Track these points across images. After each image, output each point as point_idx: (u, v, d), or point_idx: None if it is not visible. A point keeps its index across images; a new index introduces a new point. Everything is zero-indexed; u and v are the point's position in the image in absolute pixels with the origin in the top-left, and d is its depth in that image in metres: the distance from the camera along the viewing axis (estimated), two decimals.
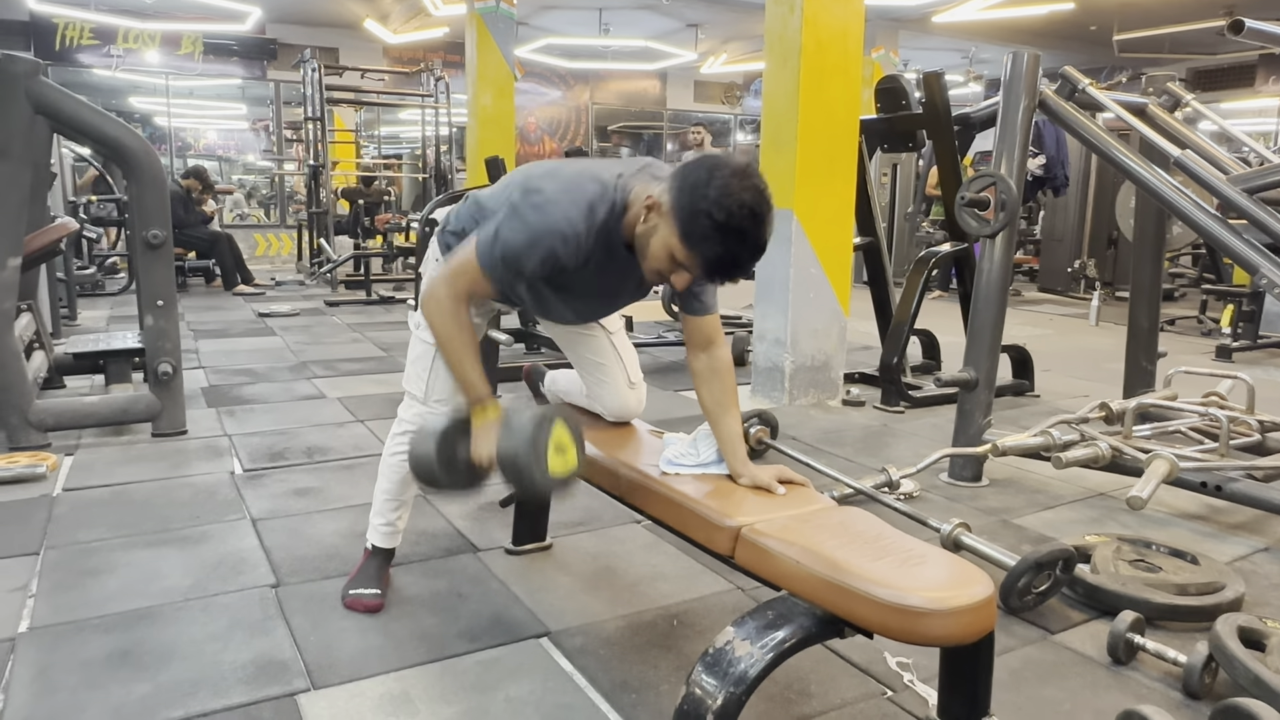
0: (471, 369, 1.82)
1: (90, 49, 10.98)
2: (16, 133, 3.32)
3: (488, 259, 1.75)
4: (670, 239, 1.62)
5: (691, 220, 1.58)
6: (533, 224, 1.71)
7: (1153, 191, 3.03)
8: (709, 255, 1.60)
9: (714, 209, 1.55)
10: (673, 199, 1.61)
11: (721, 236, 1.57)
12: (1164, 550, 2.45)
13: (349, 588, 2.22)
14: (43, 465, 3.09)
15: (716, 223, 1.55)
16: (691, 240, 1.59)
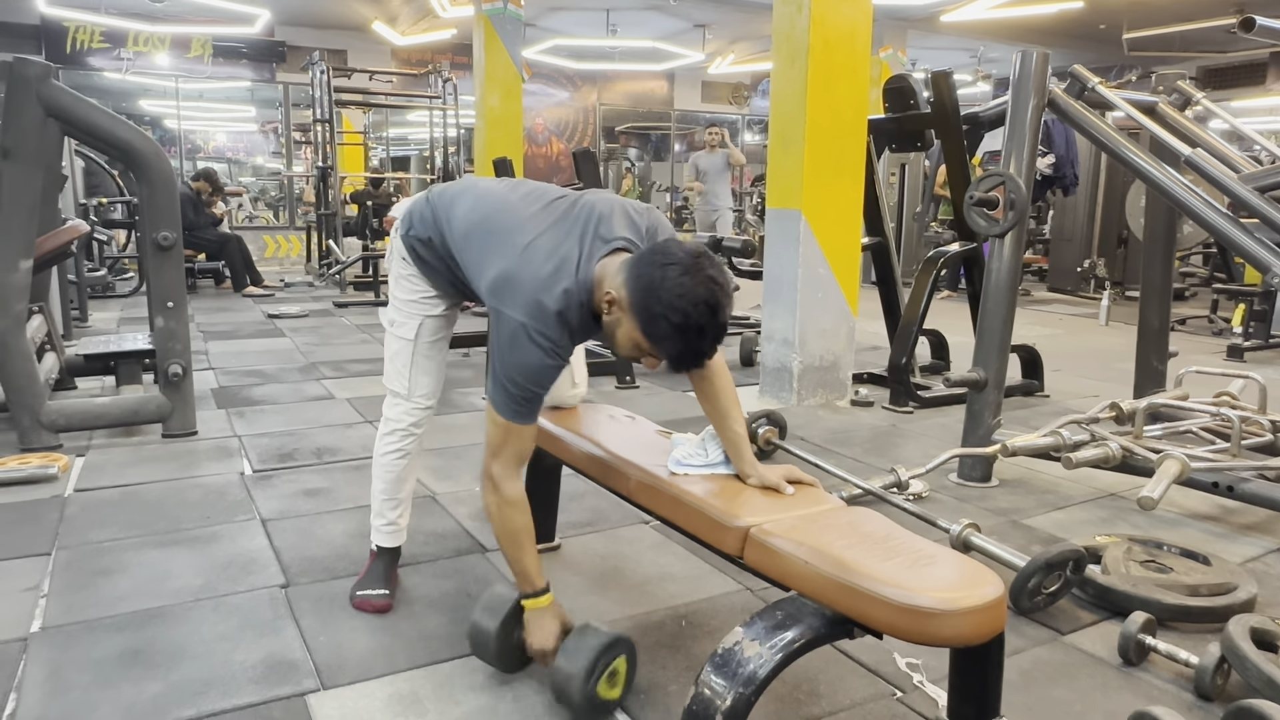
0: (530, 561, 1.84)
1: (100, 52, 11.04)
2: (28, 135, 3.34)
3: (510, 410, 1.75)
4: (634, 333, 1.66)
5: (651, 322, 1.62)
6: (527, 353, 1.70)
7: (1163, 190, 3.01)
8: (672, 352, 1.65)
9: (670, 312, 1.58)
10: (630, 299, 1.64)
11: (682, 335, 1.60)
12: (1175, 551, 2.44)
13: (357, 589, 2.23)
14: (54, 466, 3.10)
15: (674, 325, 1.59)
16: (654, 339, 1.64)
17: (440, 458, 3.41)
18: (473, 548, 2.58)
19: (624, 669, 1.78)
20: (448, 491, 3.05)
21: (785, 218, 4.27)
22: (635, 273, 1.65)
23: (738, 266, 6.15)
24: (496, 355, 1.74)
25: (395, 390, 2.15)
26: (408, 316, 2.10)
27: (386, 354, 2.16)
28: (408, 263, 2.07)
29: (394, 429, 2.16)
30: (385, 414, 2.18)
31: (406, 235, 2.05)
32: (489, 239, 1.83)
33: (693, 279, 1.59)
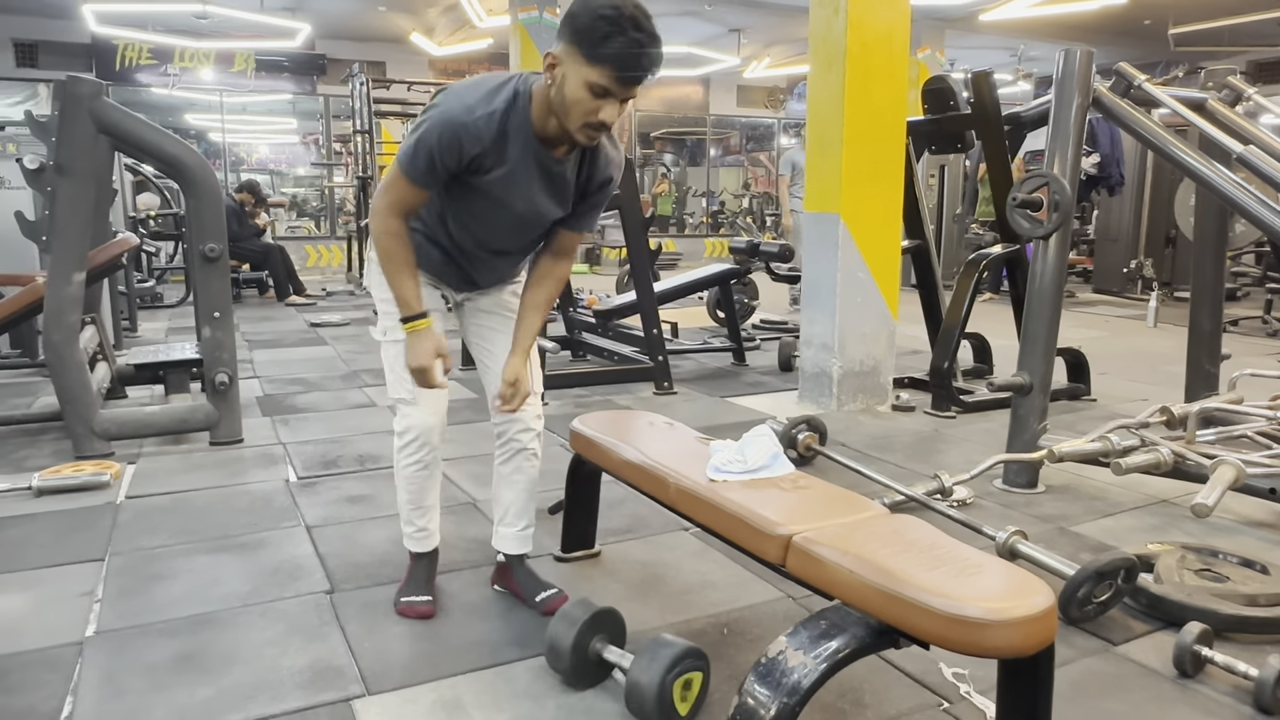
0: (406, 282, 1.95)
1: (148, 68, 11.33)
2: (81, 151, 3.43)
3: (407, 162, 1.86)
4: (580, 70, 1.72)
5: (589, 34, 1.69)
6: (435, 116, 1.83)
7: (1214, 189, 2.94)
8: (616, 53, 1.69)
9: (601, 8, 1.67)
10: (564, 36, 1.73)
11: (619, 30, 1.67)
12: (1232, 559, 2.37)
13: (400, 595, 2.24)
14: (107, 474, 3.18)
15: (609, 19, 1.66)
16: (596, 51, 1.69)
17: (480, 464, 3.43)
18: None
19: (698, 684, 1.78)
20: (487, 498, 3.05)
21: (824, 221, 4.24)
22: (563, 24, 1.75)
23: (776, 271, 6.12)
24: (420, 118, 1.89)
25: (402, 398, 2.12)
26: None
27: (386, 366, 2.15)
28: None
29: (409, 440, 2.13)
30: (397, 428, 2.15)
31: None
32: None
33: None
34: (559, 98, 1.77)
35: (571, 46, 1.72)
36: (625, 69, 1.71)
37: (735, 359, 5.61)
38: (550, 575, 2.44)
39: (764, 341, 6.26)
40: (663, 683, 1.69)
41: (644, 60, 1.72)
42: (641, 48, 1.70)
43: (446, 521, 2.84)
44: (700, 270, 6.10)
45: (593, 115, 1.76)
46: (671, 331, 6.25)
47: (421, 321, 1.96)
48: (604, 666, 1.89)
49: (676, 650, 1.73)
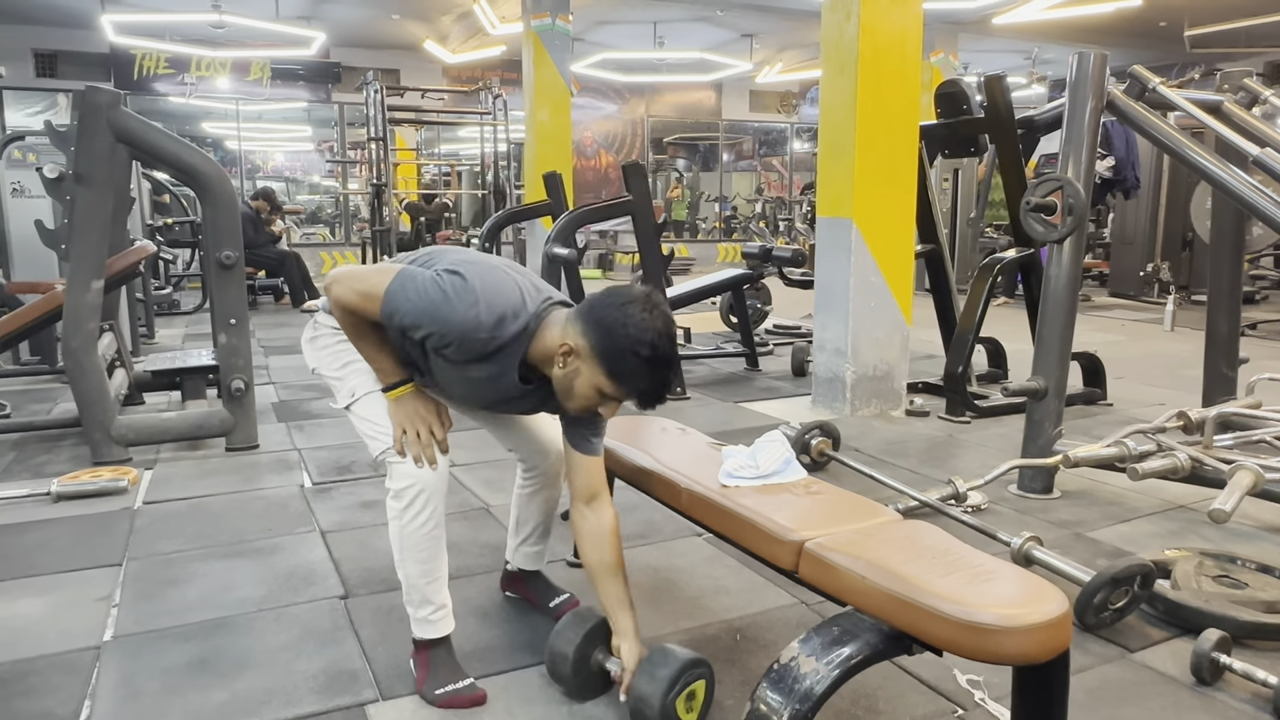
0: (383, 354, 1.82)
1: (165, 78, 11.45)
2: (99, 160, 3.47)
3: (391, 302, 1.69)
4: (597, 379, 1.68)
5: (619, 360, 1.65)
6: (442, 304, 1.67)
7: (1231, 192, 2.91)
8: (641, 386, 1.68)
9: (639, 347, 1.63)
10: (592, 342, 1.66)
11: (650, 369, 1.65)
12: (1250, 565, 2.35)
13: (433, 689, 1.88)
14: (124, 479, 3.21)
15: (643, 358, 1.64)
16: (621, 377, 1.67)
17: (494, 469, 3.45)
18: None
19: (702, 693, 1.76)
20: (500, 504, 3.07)
21: (836, 226, 4.23)
22: (593, 318, 1.67)
23: (788, 275, 6.11)
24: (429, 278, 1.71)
25: (390, 447, 1.86)
26: (367, 370, 1.90)
27: (364, 429, 1.91)
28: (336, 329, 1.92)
29: (414, 496, 1.83)
30: (395, 487, 1.85)
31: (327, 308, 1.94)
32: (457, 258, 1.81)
33: (651, 314, 1.65)
34: (566, 384, 1.73)
35: (595, 357, 1.66)
36: (646, 400, 1.71)
37: (748, 364, 5.61)
38: (562, 581, 2.44)
39: (777, 346, 6.25)
40: (664, 704, 1.66)
41: (663, 394, 1.72)
42: (665, 387, 1.71)
43: (460, 525, 2.86)
44: (713, 275, 6.09)
45: (591, 409, 1.76)
46: (684, 336, 6.25)
47: (406, 386, 1.84)
48: (606, 678, 1.85)
49: (675, 667, 1.69)
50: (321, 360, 2.01)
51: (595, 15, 10.63)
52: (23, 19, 10.34)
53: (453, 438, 2.16)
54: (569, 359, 1.70)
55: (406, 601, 1.92)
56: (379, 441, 1.87)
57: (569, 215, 4.84)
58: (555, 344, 1.71)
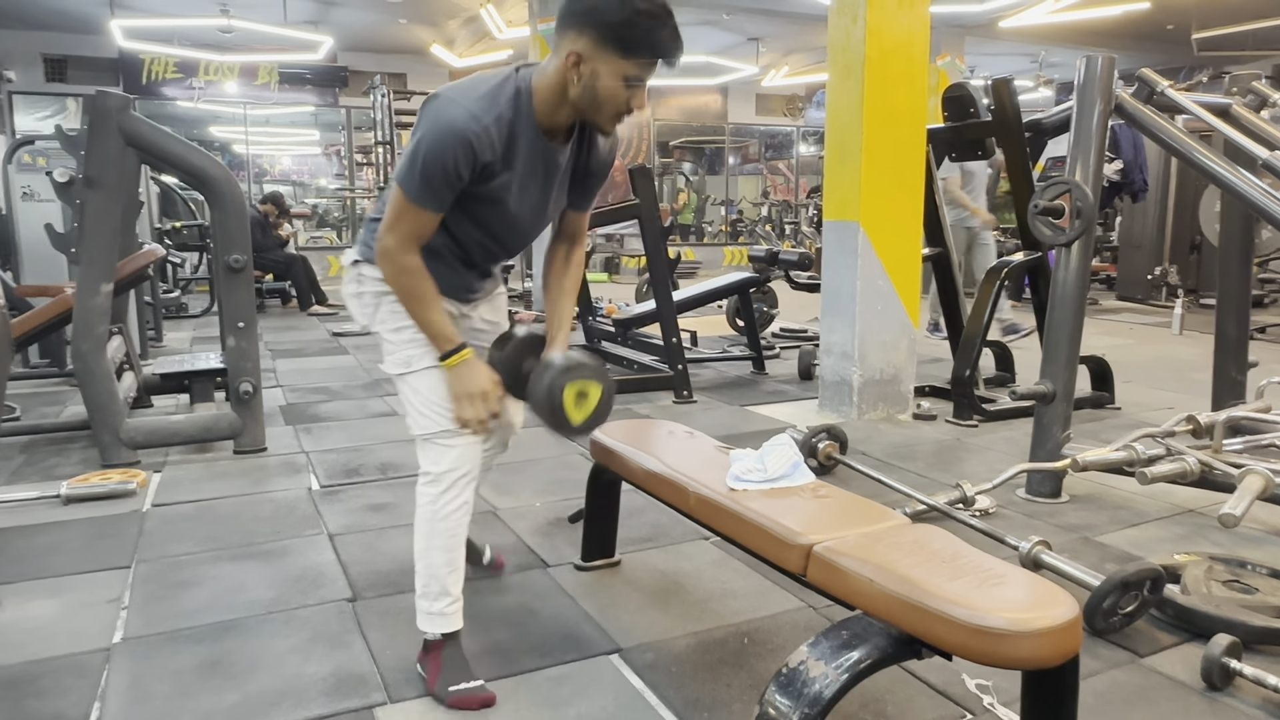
0: (438, 318, 1.80)
1: (174, 82, 11.51)
2: (109, 164, 3.49)
3: (417, 188, 1.71)
4: (614, 65, 1.66)
5: (626, 29, 1.63)
6: (439, 129, 1.67)
7: (1240, 195, 2.91)
8: (662, 42, 1.65)
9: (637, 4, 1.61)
10: (593, 35, 1.64)
11: (659, 23, 1.64)
12: (1261, 570, 2.34)
13: (445, 686, 1.87)
14: (133, 482, 3.22)
15: (649, 14, 1.62)
16: (637, 45, 1.64)
17: (501, 472, 3.45)
18: (534, 563, 2.60)
19: (595, 398, 1.83)
20: (509, 507, 3.08)
21: (843, 229, 4.23)
22: (578, 16, 1.65)
23: (795, 279, 6.11)
24: (415, 135, 1.71)
25: (445, 429, 1.84)
26: (425, 342, 1.85)
27: (415, 403, 1.87)
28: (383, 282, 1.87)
29: (456, 478, 1.86)
30: (435, 469, 1.86)
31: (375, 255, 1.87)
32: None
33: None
34: (588, 94, 1.69)
35: (602, 43, 1.63)
36: (668, 55, 1.67)
37: (755, 367, 5.61)
38: (571, 584, 2.45)
39: (783, 350, 6.24)
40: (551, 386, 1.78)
41: (679, 42, 1.68)
42: (676, 34, 1.67)
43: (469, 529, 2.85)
44: (719, 279, 6.10)
45: (625, 105, 1.72)
46: (691, 340, 6.25)
47: (465, 351, 1.80)
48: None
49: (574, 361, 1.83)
50: (373, 319, 1.94)
51: None
52: (33, 24, 10.40)
53: None
54: (580, 66, 1.67)
55: (422, 595, 1.92)
56: (428, 420, 1.85)
57: None
58: (558, 69, 1.69)
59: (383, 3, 9.86)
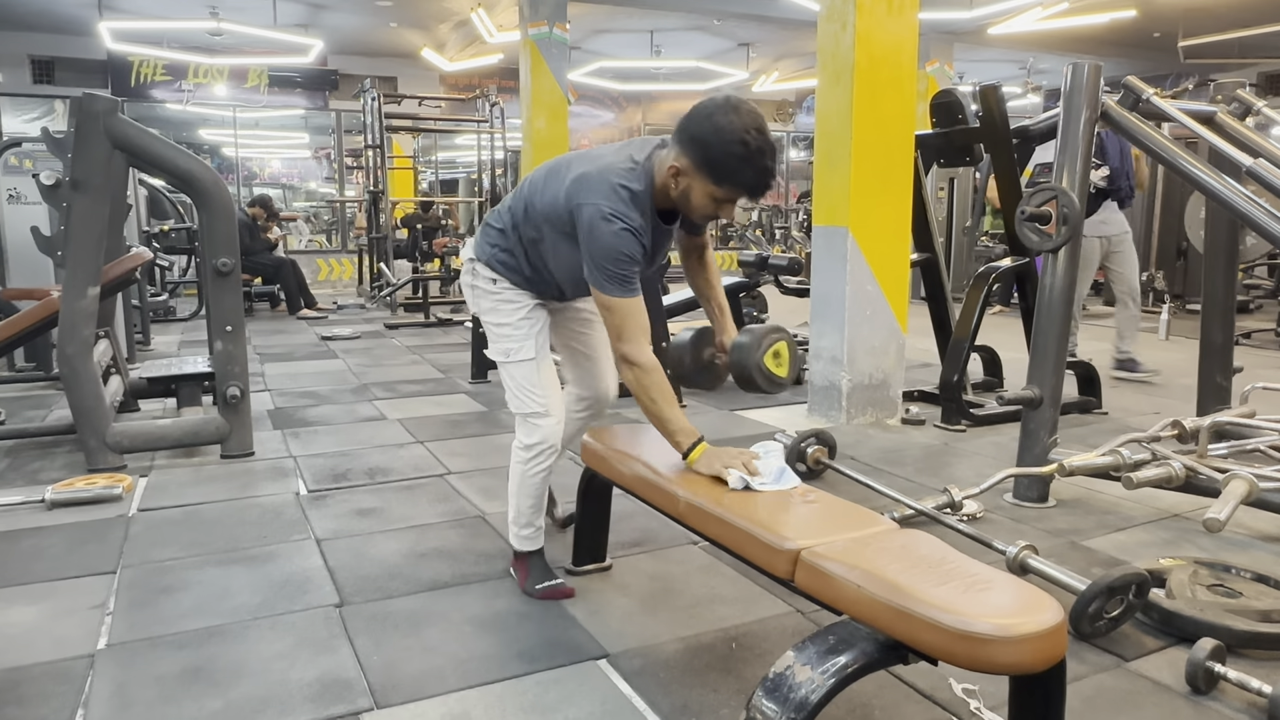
0: (678, 413, 2.06)
1: (163, 84, 11.45)
2: (96, 167, 3.47)
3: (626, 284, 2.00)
4: (707, 187, 1.93)
5: (722, 164, 1.88)
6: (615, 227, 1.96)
7: (1225, 203, 2.93)
8: (747, 181, 1.91)
9: (732, 146, 1.85)
10: (692, 157, 1.91)
11: (749, 162, 1.87)
12: (1245, 574, 2.36)
13: (531, 585, 2.36)
14: (119, 486, 3.20)
15: (739, 156, 1.86)
16: (729, 178, 1.90)
17: (491, 478, 3.44)
18: None
19: (786, 352, 2.18)
20: (497, 512, 3.07)
21: (832, 235, 4.24)
22: (686, 136, 1.92)
23: (784, 284, 6.11)
24: (585, 249, 2.01)
25: (535, 411, 2.25)
26: (524, 337, 2.25)
27: (511, 387, 2.28)
28: (496, 281, 2.27)
29: (542, 450, 2.28)
30: (526, 441, 2.28)
31: (486, 256, 2.28)
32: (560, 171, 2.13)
33: (738, 115, 1.86)
34: (683, 200, 2.00)
35: (699, 169, 1.91)
36: (754, 193, 1.93)
37: None
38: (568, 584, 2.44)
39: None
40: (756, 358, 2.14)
41: (769, 182, 1.93)
42: (768, 174, 1.90)
43: (455, 533, 2.86)
44: None
45: (714, 215, 2.04)
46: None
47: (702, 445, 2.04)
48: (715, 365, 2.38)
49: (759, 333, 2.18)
50: (483, 310, 2.31)
51: (592, 24, 10.66)
52: (20, 25, 10.34)
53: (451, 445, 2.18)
54: (679, 179, 1.96)
55: (514, 523, 2.39)
56: (520, 401, 2.26)
57: None
58: (664, 173, 1.98)
59: (373, 6, 9.84)
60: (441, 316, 8.30)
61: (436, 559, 2.65)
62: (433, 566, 2.59)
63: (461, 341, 6.88)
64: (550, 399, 2.27)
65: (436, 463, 3.64)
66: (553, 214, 2.11)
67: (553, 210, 2.11)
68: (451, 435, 4.09)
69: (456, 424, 4.32)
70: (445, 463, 3.64)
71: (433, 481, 3.41)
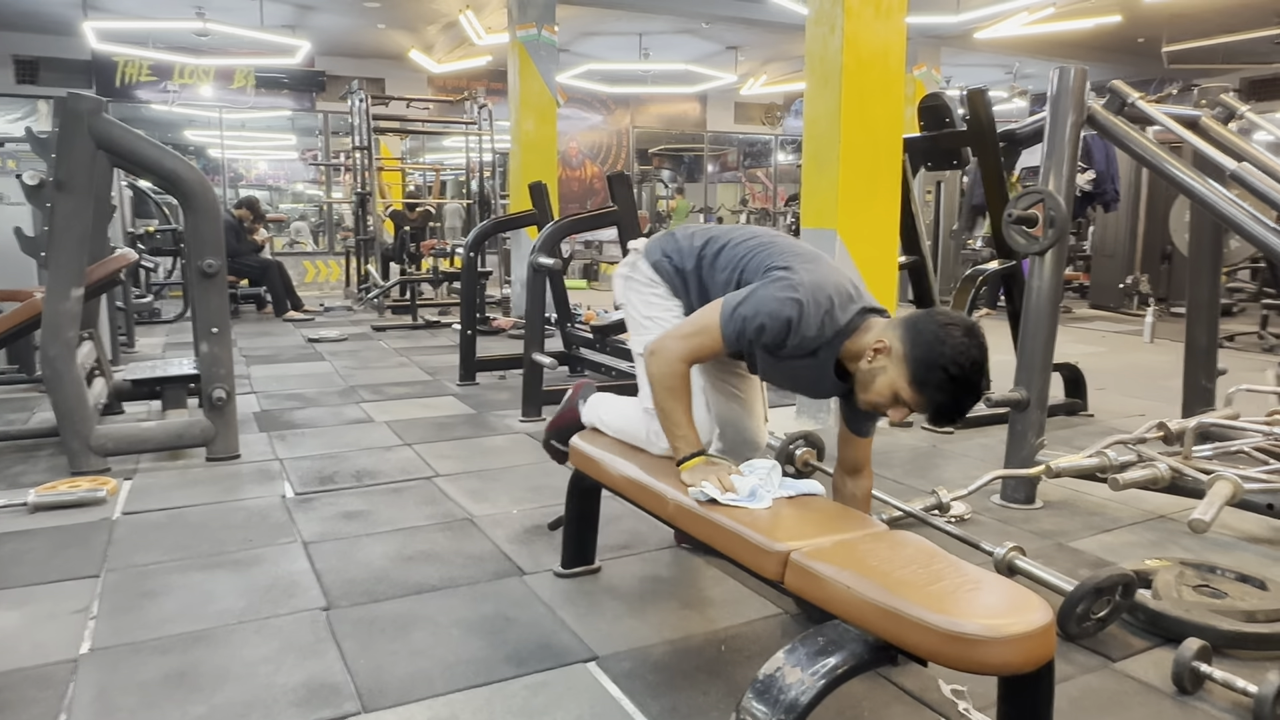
0: (688, 419, 1.99)
1: (148, 85, 11.37)
2: (80, 167, 3.44)
3: (734, 331, 1.92)
4: (899, 382, 1.79)
5: (927, 371, 1.74)
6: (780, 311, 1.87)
7: (1209, 206, 2.95)
8: (939, 402, 1.77)
9: (950, 365, 1.72)
10: (907, 349, 1.77)
11: (954, 388, 1.74)
12: (1230, 575, 2.37)
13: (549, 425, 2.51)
14: (103, 490, 3.17)
15: (951, 376, 1.72)
16: (924, 388, 1.76)
17: (478, 479, 3.43)
18: (510, 571, 2.58)
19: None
20: (485, 514, 3.06)
21: (820, 238, 4.25)
22: (915, 328, 1.79)
23: None
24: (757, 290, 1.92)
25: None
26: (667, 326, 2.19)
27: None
28: (656, 281, 2.25)
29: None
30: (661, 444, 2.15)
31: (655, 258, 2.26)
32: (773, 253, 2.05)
33: (970, 340, 1.75)
34: (868, 379, 1.86)
35: (905, 362, 1.78)
36: (939, 416, 1.81)
37: None
38: (548, 591, 2.44)
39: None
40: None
41: (955, 417, 1.82)
42: (958, 410, 1.79)
43: (443, 536, 2.85)
44: None
45: (882, 407, 1.86)
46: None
47: (700, 457, 1.99)
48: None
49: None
50: (631, 301, 2.32)
51: (581, 26, 10.66)
52: (4, 25, 10.25)
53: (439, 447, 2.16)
54: (879, 356, 1.83)
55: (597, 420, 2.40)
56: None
57: (554, 225, 4.84)
58: (869, 342, 1.85)
59: (361, 7, 9.81)
60: (429, 319, 8.27)
61: (424, 562, 2.64)
62: (420, 569, 2.58)
63: (449, 344, 6.85)
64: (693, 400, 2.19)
65: (424, 465, 3.62)
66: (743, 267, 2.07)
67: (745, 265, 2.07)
68: (439, 438, 4.07)
69: (444, 426, 4.30)
70: (433, 465, 3.62)
71: (420, 484, 3.40)
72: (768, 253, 2.05)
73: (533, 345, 4.50)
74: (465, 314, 5.51)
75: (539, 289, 4.60)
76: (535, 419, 4.44)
